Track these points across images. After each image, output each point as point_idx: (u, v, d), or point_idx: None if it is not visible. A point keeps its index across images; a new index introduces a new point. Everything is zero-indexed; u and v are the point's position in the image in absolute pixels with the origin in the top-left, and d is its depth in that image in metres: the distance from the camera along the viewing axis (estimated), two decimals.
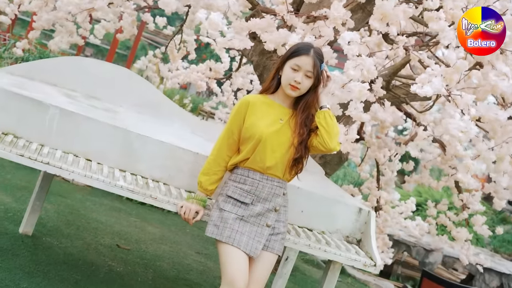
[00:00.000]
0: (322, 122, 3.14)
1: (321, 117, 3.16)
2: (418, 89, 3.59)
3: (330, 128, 3.14)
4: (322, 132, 3.14)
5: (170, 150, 3.40)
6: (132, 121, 3.75)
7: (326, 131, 3.14)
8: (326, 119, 3.15)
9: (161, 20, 7.17)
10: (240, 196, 3.13)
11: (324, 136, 3.13)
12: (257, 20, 4.06)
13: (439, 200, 12.07)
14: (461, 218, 5.97)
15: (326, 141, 3.13)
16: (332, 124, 3.16)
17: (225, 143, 3.21)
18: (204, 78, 7.83)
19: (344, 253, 3.43)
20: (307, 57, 3.12)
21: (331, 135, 3.14)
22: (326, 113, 3.16)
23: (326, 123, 3.14)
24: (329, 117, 3.16)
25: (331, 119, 3.16)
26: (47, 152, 3.14)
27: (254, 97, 3.23)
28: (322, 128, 3.14)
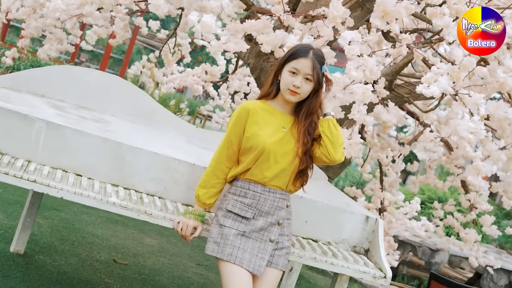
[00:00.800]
0: (326, 131, 2.96)
1: (325, 126, 2.98)
2: (424, 90, 3.40)
3: (335, 138, 2.96)
4: (326, 143, 2.96)
5: (164, 162, 3.21)
6: (124, 131, 3.57)
7: (331, 142, 2.96)
8: (331, 128, 2.97)
9: (154, 24, 6.99)
10: (240, 211, 2.95)
11: (328, 146, 2.96)
12: (252, 21, 3.87)
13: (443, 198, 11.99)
14: (469, 218, 5.79)
15: (330, 153, 2.95)
16: (337, 134, 2.98)
17: (224, 154, 3.02)
18: (200, 81, 7.65)
19: (352, 265, 3.25)
20: (306, 59, 2.93)
21: (336, 146, 2.97)
22: (330, 122, 2.98)
23: (331, 133, 2.96)
24: (333, 126, 2.98)
25: (335, 129, 2.98)
26: (34, 168, 2.95)
27: (254, 104, 3.04)
28: (326, 138, 2.96)
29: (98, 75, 4.09)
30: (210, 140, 4.06)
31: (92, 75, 4.06)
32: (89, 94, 3.99)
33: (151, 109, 4.10)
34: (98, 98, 4.01)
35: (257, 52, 5.16)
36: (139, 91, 4.18)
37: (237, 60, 7.40)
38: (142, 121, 4.00)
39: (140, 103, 4.09)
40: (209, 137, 4.12)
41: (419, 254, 9.29)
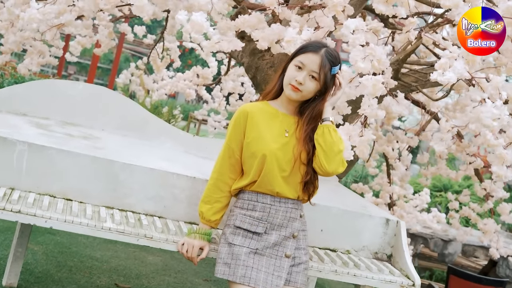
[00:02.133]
0: (320, 139, 2.67)
1: (319, 133, 2.68)
2: (439, 77, 3.12)
3: (328, 147, 2.65)
4: (318, 152, 2.66)
5: (162, 177, 2.91)
6: (115, 147, 3.27)
7: (323, 151, 2.65)
8: (325, 135, 2.66)
9: (140, 29, 6.72)
10: (250, 226, 2.65)
11: (320, 157, 2.66)
12: (245, 17, 3.58)
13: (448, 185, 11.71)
14: (485, 208, 5.51)
15: (322, 164, 2.65)
16: (331, 141, 2.66)
17: (225, 163, 2.72)
18: (192, 85, 7.36)
19: (376, 275, 2.95)
20: (315, 55, 2.63)
21: (329, 156, 2.65)
22: (325, 128, 2.67)
23: (324, 141, 2.66)
24: (328, 133, 2.67)
25: (330, 136, 2.66)
26: (18, 197, 2.65)
27: (253, 106, 2.74)
28: (319, 147, 2.66)
29: (84, 88, 3.78)
30: (210, 149, 3.76)
31: (77, 88, 3.75)
32: (75, 108, 3.69)
33: (143, 120, 3.80)
34: (85, 112, 3.71)
35: (251, 50, 4.87)
36: (129, 101, 3.88)
37: (229, 61, 7.11)
38: (134, 133, 3.70)
39: (130, 114, 3.79)
40: (207, 145, 3.82)
41: (431, 246, 9.01)
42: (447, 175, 5.76)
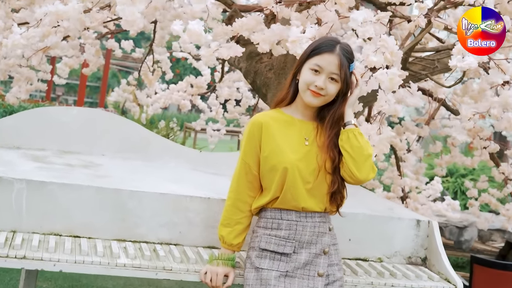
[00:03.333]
0: (346, 145, 2.44)
1: (344, 138, 2.46)
2: (459, 63, 2.90)
3: (356, 153, 2.43)
4: (347, 160, 2.44)
5: (173, 201, 2.69)
6: (119, 174, 3.04)
7: (352, 158, 2.43)
8: (351, 141, 2.44)
9: (128, 44, 6.47)
10: (277, 246, 2.42)
11: (349, 164, 2.43)
12: (243, 20, 3.36)
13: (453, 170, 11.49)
14: (505, 193, 5.30)
15: (352, 171, 2.43)
16: (358, 146, 2.44)
17: (243, 181, 2.49)
18: (186, 96, 7.14)
19: (415, 283, 2.74)
20: (331, 55, 2.41)
21: (359, 163, 2.43)
22: (350, 133, 2.45)
23: (351, 146, 2.43)
24: (354, 137, 2.44)
25: (357, 140, 2.44)
26: (21, 240, 2.42)
27: (266, 115, 2.52)
28: (346, 154, 2.44)
29: (78, 113, 3.56)
30: (220, 163, 3.53)
31: (71, 113, 3.53)
32: (72, 135, 3.48)
33: (144, 140, 3.58)
34: (82, 138, 3.49)
35: (248, 54, 4.64)
36: (127, 121, 3.66)
37: (222, 67, 6.87)
38: (136, 155, 3.48)
39: (130, 135, 3.57)
40: (216, 160, 3.60)
41: (447, 234, 8.78)
42: (462, 163, 5.55)
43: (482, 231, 8.64)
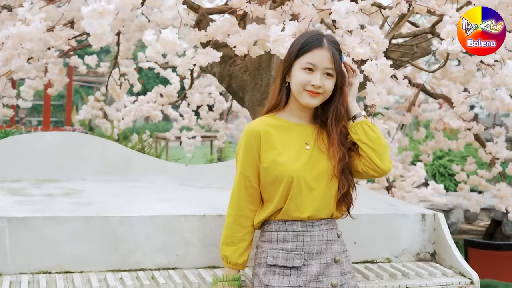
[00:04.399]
0: (363, 138, 2.29)
1: (359, 132, 2.31)
2: (450, 46, 2.78)
3: (376, 144, 2.29)
4: (368, 152, 2.29)
5: (167, 223, 2.53)
6: (104, 199, 2.86)
7: (372, 150, 2.28)
8: (367, 132, 2.29)
9: (92, 59, 6.27)
10: (286, 260, 2.26)
11: (372, 157, 2.28)
12: (217, 23, 3.19)
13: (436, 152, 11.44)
14: (494, 173, 5.21)
15: (377, 163, 2.28)
16: (377, 137, 2.30)
17: (243, 195, 2.32)
18: (157, 106, 6.93)
19: (430, 281, 2.60)
20: (321, 50, 2.25)
21: (380, 153, 2.29)
22: (364, 125, 2.31)
23: (369, 138, 2.29)
24: (369, 129, 2.31)
25: (373, 131, 2.30)
26: (9, 284, 2.24)
27: (261, 123, 2.34)
28: (366, 147, 2.29)
29: (52, 137, 3.37)
30: (207, 176, 3.36)
31: (45, 139, 3.34)
32: (48, 162, 3.29)
33: (124, 159, 3.39)
34: (59, 164, 3.30)
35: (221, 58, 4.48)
36: (104, 141, 3.48)
37: (191, 73, 6.68)
38: (119, 177, 3.30)
39: (109, 156, 3.38)
40: (203, 172, 3.42)
41: None
42: (447, 147, 5.44)
43: (468, 212, 8.56)
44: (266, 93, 4.43)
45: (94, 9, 2.47)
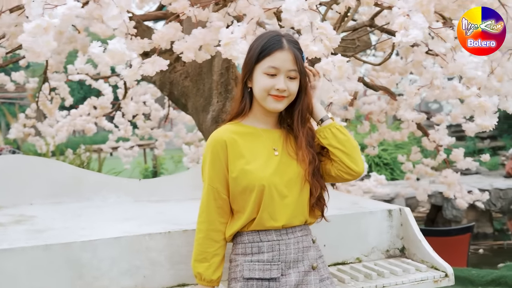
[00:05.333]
0: (334, 142, 2.23)
1: (328, 136, 2.24)
2: (404, 38, 2.73)
3: (347, 147, 2.23)
4: (340, 157, 2.22)
5: (131, 244, 2.40)
6: (59, 223, 2.69)
7: (344, 153, 2.22)
8: (337, 136, 2.23)
9: (19, 75, 6.03)
10: (263, 272, 2.17)
11: (345, 160, 2.22)
12: (163, 30, 3.07)
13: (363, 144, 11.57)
14: (439, 160, 5.26)
15: (351, 167, 2.23)
16: (347, 140, 2.24)
17: (213, 208, 2.21)
18: (91, 119, 6.72)
19: (405, 278, 2.57)
20: (282, 51, 2.17)
21: (353, 156, 2.23)
22: (332, 128, 2.25)
23: (340, 142, 2.23)
24: (338, 132, 2.25)
25: (343, 134, 2.25)
26: None
27: (227, 131, 2.24)
28: (337, 151, 2.22)
29: None
30: (163, 189, 3.23)
31: None
32: None
33: (73, 178, 3.22)
34: (2, 189, 3.10)
35: None
36: (49, 162, 3.31)
37: (125, 83, 6.51)
38: (69, 198, 3.13)
39: (56, 177, 3.20)
40: (157, 186, 3.28)
41: None
42: (391, 138, 5.46)
43: (409, 200, 8.69)
44: (209, 98, 4.33)
45: (38, 25, 2.30)
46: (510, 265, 6.37)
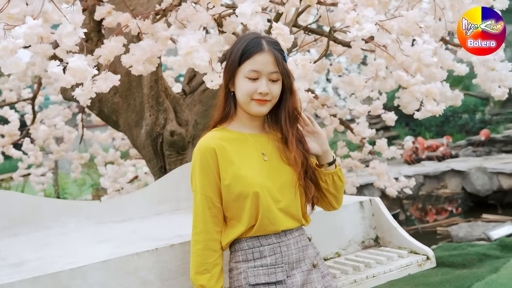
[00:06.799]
0: (332, 189, 2.31)
1: (329, 182, 2.29)
2: (359, 32, 2.79)
3: (339, 192, 2.34)
4: (330, 200, 2.34)
5: (120, 265, 2.29)
6: (30, 254, 2.54)
7: (335, 197, 2.34)
8: (336, 183, 2.31)
9: None
10: (268, 277, 2.14)
11: (332, 202, 2.35)
12: (111, 44, 2.97)
13: None
14: (365, 152, 5.39)
15: (334, 206, 2.37)
16: (342, 186, 2.34)
17: (208, 218, 2.16)
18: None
19: (392, 265, 2.61)
20: (262, 54, 2.16)
21: (339, 198, 2.36)
22: (335, 175, 2.30)
23: (336, 189, 2.32)
24: (338, 179, 2.32)
25: (341, 181, 2.33)
26: None
27: (214, 138, 2.20)
28: (330, 196, 2.32)
29: None
30: (124, 209, 3.12)
31: None
32: None
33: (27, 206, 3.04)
34: None
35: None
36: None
37: (33, 107, 6.27)
38: (27, 228, 2.97)
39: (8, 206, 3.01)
40: (118, 205, 3.16)
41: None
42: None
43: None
44: (141, 113, 4.25)
45: (5, 47, 2.17)
46: (443, 246, 6.63)
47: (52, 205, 3.06)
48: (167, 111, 4.25)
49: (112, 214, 3.09)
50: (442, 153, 13.86)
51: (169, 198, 3.15)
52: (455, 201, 11.83)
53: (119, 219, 3.07)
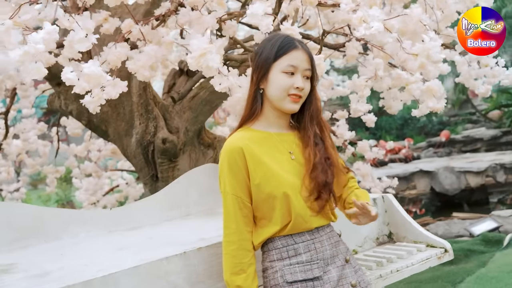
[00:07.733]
0: None
1: None
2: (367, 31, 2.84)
3: None
4: None
5: (150, 270, 2.28)
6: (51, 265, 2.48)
7: None
8: None
9: None
10: (305, 274, 2.15)
11: None
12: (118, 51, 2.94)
13: None
14: (348, 154, 5.44)
15: None
16: None
17: (240, 218, 2.17)
18: None
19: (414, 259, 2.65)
20: (298, 51, 2.19)
21: None
22: None
23: None
24: None
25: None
26: None
27: (241, 138, 2.20)
28: None
29: None
30: (134, 217, 3.08)
31: None
32: None
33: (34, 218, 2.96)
34: None
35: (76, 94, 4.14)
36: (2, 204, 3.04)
37: (6, 121, 6.13)
38: (37, 239, 2.90)
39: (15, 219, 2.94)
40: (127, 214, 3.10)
41: None
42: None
43: None
44: (131, 121, 4.21)
45: (26, 52, 2.13)
46: None
47: (58, 215, 2.99)
48: (156, 119, 4.21)
49: (120, 223, 3.05)
50: (405, 155, 14.08)
51: (179, 204, 3.13)
52: (419, 202, 12.00)
53: (129, 227, 3.03)
